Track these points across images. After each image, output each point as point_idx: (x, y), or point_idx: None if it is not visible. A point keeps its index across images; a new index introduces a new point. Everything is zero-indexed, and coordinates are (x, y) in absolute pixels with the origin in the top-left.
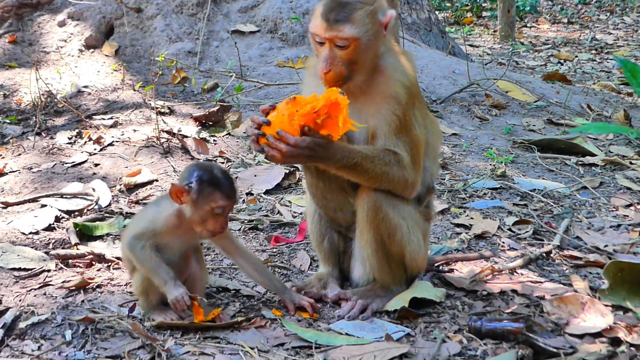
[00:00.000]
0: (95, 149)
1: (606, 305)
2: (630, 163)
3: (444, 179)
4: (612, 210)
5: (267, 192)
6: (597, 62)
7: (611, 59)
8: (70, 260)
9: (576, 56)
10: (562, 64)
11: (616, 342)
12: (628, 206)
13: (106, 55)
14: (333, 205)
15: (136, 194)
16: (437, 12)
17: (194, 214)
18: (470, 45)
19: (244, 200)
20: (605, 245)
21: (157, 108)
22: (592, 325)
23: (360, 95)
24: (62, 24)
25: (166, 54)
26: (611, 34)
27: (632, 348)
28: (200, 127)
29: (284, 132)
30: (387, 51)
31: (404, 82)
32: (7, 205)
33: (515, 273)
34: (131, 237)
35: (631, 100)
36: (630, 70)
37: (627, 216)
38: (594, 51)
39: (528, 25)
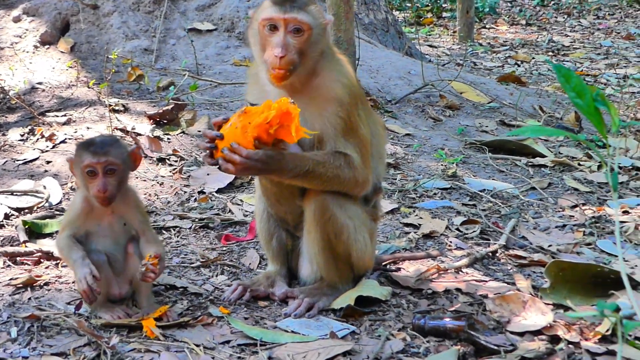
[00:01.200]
0: (47, 147)
1: (547, 304)
2: (579, 164)
3: (395, 179)
4: (559, 211)
5: (220, 190)
6: (553, 64)
7: (568, 61)
8: (18, 258)
9: (533, 58)
10: (519, 66)
11: (555, 339)
12: (574, 207)
13: (61, 52)
14: (284, 208)
15: None
16: (397, 13)
17: (78, 181)
18: (430, 46)
19: (195, 198)
20: (550, 245)
21: (111, 106)
22: (532, 324)
23: (303, 98)
24: (17, 20)
25: (122, 52)
26: (568, 36)
27: (570, 345)
28: (154, 126)
29: (237, 145)
30: (327, 53)
31: (345, 82)
32: None
33: (460, 272)
34: (58, 235)
35: None
36: (564, 75)
37: (573, 217)
38: (550, 53)
39: (487, 26)
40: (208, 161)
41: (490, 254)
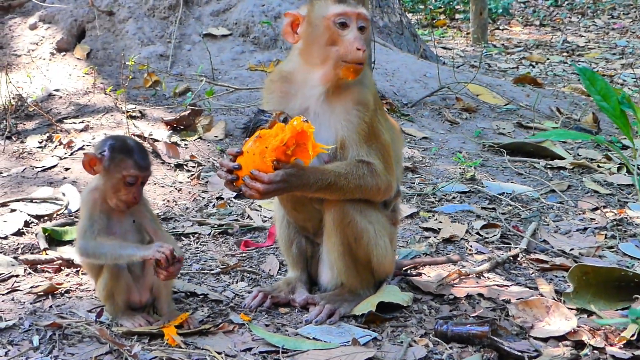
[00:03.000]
0: (65, 153)
1: (570, 309)
2: (598, 166)
3: (414, 183)
4: (579, 214)
5: (238, 196)
6: (568, 65)
7: (583, 61)
8: (38, 266)
9: (548, 59)
10: (533, 67)
11: (580, 345)
12: (595, 210)
13: (78, 59)
14: (303, 217)
15: None
16: (410, 15)
17: (106, 183)
18: (443, 48)
19: (214, 204)
20: (572, 249)
21: (128, 112)
22: (556, 329)
23: (333, 101)
24: (33, 27)
25: (138, 58)
26: (582, 36)
27: (595, 351)
28: (171, 131)
29: (257, 172)
30: None
31: (371, 88)
32: None
33: (482, 277)
34: (78, 243)
35: None
36: (589, 78)
37: (594, 220)
38: (565, 53)
39: (500, 27)
40: (230, 188)
41: (512, 258)
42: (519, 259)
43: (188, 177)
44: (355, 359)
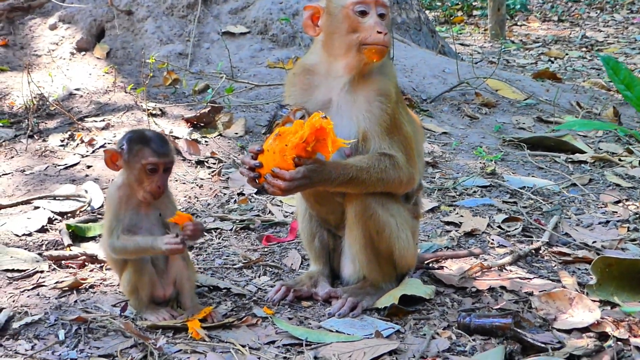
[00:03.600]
0: (87, 151)
1: (594, 301)
2: (620, 160)
3: (434, 178)
4: (601, 207)
5: (259, 192)
6: (587, 60)
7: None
8: (63, 261)
9: (567, 54)
10: (552, 62)
11: (603, 336)
12: (617, 202)
13: (97, 58)
14: (325, 210)
15: None
16: (427, 12)
17: (129, 176)
18: (461, 44)
19: (235, 200)
20: (594, 242)
21: (148, 110)
22: (579, 321)
23: (356, 91)
24: (53, 27)
25: (157, 56)
26: (601, 31)
27: (619, 342)
28: (191, 129)
29: (279, 170)
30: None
31: (393, 80)
32: (0, 207)
33: (504, 270)
34: (105, 241)
35: (620, 98)
36: (612, 67)
37: (616, 212)
38: (584, 49)
39: (518, 23)
40: (253, 185)
41: (534, 251)
42: (541, 252)
43: (209, 174)
44: (378, 351)
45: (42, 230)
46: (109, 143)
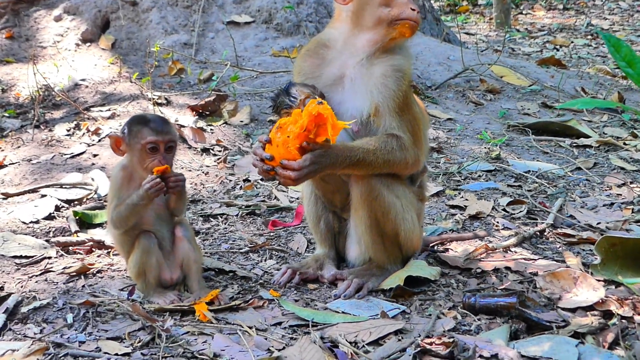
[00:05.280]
0: (93, 140)
1: (598, 280)
2: (624, 144)
3: (439, 163)
4: (606, 190)
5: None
6: (592, 47)
7: None
8: (70, 248)
9: (572, 42)
10: (557, 50)
11: (608, 315)
12: (621, 185)
13: (102, 49)
14: (331, 188)
15: None
16: (432, 0)
17: (133, 159)
18: (466, 34)
19: (241, 186)
20: (598, 223)
21: (154, 99)
22: (584, 299)
23: (373, 66)
24: (58, 19)
25: (162, 46)
26: (607, 19)
27: (623, 320)
28: (197, 117)
29: (286, 162)
30: None
31: (410, 61)
32: (7, 196)
33: (509, 251)
34: (107, 220)
35: (626, 83)
36: (614, 45)
37: (621, 195)
38: (589, 36)
39: (524, 12)
40: (266, 178)
41: (539, 233)
42: (545, 233)
43: (215, 161)
44: (384, 331)
45: (50, 217)
46: (115, 132)
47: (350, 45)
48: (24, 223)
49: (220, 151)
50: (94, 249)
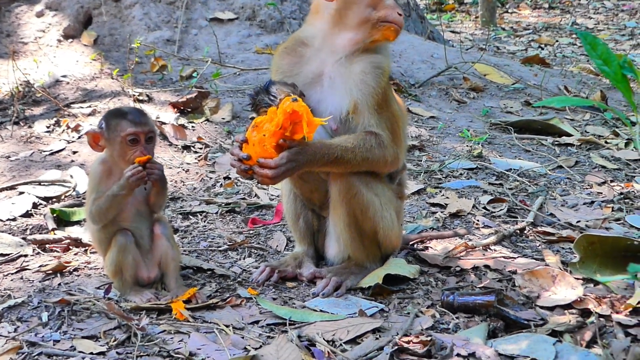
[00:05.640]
0: (73, 137)
1: (577, 278)
2: (606, 142)
3: (421, 160)
4: (587, 188)
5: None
6: (577, 46)
7: None
8: (47, 245)
9: (557, 41)
10: (542, 49)
11: (586, 313)
12: (602, 184)
13: (85, 45)
14: (309, 186)
15: None
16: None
17: (113, 153)
18: (452, 32)
19: (221, 184)
20: (578, 221)
21: (135, 96)
22: (562, 298)
23: (352, 64)
24: (40, 15)
25: (145, 43)
26: (592, 18)
27: (601, 319)
28: (178, 114)
29: (263, 160)
30: None
31: (388, 58)
32: None
33: (488, 249)
34: (87, 214)
35: (608, 82)
36: (590, 43)
37: (601, 193)
38: (574, 35)
39: (509, 11)
40: (244, 177)
41: (518, 231)
42: (525, 231)
43: (195, 159)
44: (361, 329)
45: (27, 215)
46: (92, 128)
47: (330, 43)
48: (1, 220)
49: (201, 148)
50: (70, 247)
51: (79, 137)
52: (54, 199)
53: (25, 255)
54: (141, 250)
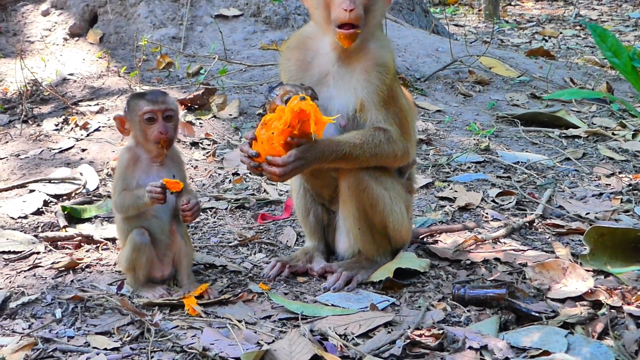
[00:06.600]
0: (82, 135)
1: (587, 270)
2: (613, 134)
3: (428, 154)
4: (595, 180)
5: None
6: (581, 38)
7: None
8: (59, 242)
9: (561, 32)
10: (546, 41)
11: (597, 305)
12: (610, 175)
13: (91, 43)
14: (320, 182)
15: None
16: None
17: (135, 134)
18: (455, 25)
19: (230, 180)
20: (587, 213)
21: None
22: (573, 290)
23: (352, 64)
24: (46, 14)
25: (150, 40)
26: (595, 9)
27: (612, 310)
28: (186, 111)
29: (271, 157)
30: (379, 25)
31: (390, 52)
32: None
33: (498, 242)
34: (112, 201)
35: (614, 74)
36: (599, 35)
37: (609, 185)
38: (578, 27)
39: (512, 3)
40: (254, 173)
41: (528, 224)
42: (534, 224)
43: (204, 155)
44: (373, 323)
45: (38, 212)
46: (103, 126)
47: (325, 43)
48: (12, 218)
49: (209, 145)
50: (82, 244)
51: (88, 135)
52: (65, 197)
53: (38, 253)
54: (159, 246)
